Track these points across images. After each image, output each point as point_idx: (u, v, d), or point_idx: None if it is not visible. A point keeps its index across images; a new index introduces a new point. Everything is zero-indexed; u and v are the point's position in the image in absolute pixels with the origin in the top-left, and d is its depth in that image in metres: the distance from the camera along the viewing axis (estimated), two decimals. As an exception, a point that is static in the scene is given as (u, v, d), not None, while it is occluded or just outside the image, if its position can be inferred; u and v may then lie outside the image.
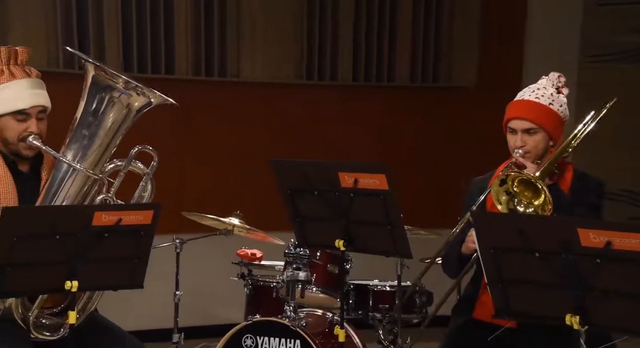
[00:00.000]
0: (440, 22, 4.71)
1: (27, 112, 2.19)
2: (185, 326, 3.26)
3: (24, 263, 1.90)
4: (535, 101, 2.28)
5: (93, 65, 2.18)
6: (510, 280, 1.79)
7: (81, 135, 2.18)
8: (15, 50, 2.21)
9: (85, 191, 2.20)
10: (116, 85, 2.17)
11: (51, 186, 2.19)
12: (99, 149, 2.19)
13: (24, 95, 2.18)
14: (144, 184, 2.24)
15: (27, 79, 2.20)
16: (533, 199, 2.14)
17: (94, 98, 2.19)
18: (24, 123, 2.18)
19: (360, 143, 4.57)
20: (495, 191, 2.16)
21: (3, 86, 2.18)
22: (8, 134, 2.19)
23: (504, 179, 2.15)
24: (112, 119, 2.19)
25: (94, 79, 2.19)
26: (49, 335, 2.15)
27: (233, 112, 4.44)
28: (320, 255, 2.96)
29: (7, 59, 2.19)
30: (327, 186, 2.22)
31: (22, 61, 2.21)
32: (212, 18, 4.31)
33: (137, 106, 2.21)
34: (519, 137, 2.27)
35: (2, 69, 2.19)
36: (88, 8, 4.03)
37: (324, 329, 2.92)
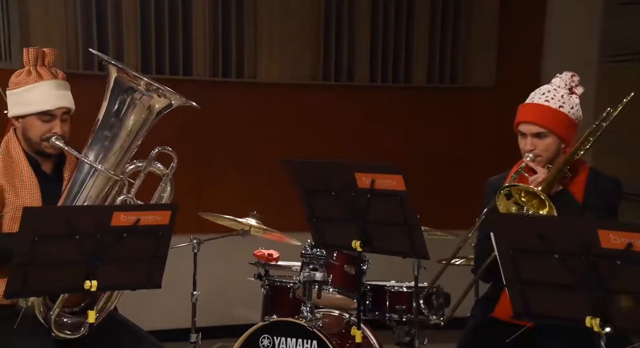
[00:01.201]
0: (457, 22, 4.69)
1: (53, 113, 2.22)
2: (203, 326, 3.28)
3: (44, 262, 1.93)
4: (544, 105, 2.26)
5: (116, 67, 2.21)
6: (528, 282, 1.78)
7: (103, 136, 2.21)
8: (43, 51, 2.24)
9: (106, 192, 2.22)
10: (138, 87, 2.20)
11: (73, 186, 2.21)
12: (120, 150, 2.22)
13: (50, 96, 2.22)
14: (164, 185, 2.26)
15: (54, 81, 2.24)
16: (539, 209, 2.13)
17: (116, 100, 2.21)
18: (49, 124, 2.22)
19: (377, 144, 4.56)
20: (504, 205, 2.14)
21: (30, 86, 2.21)
22: (32, 133, 2.23)
23: (509, 193, 2.14)
24: (134, 121, 2.21)
25: (116, 80, 2.21)
26: (69, 334, 2.17)
27: (250, 113, 4.45)
28: (336, 256, 2.96)
29: (35, 60, 2.22)
30: (344, 187, 2.22)
31: (49, 62, 2.25)
32: (230, 20, 4.33)
33: (158, 107, 2.23)
34: (529, 141, 2.26)
35: (30, 70, 2.22)
36: (107, 10, 4.07)
37: (340, 330, 2.92)
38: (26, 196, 2.20)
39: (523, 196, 2.15)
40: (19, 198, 2.19)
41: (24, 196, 2.20)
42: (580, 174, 2.28)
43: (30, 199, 2.20)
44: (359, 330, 2.37)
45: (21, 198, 2.19)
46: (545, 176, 2.19)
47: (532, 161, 2.25)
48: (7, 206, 2.18)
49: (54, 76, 2.24)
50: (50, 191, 2.23)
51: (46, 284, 1.98)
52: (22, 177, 2.21)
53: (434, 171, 4.63)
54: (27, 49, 2.25)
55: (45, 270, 1.94)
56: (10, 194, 2.18)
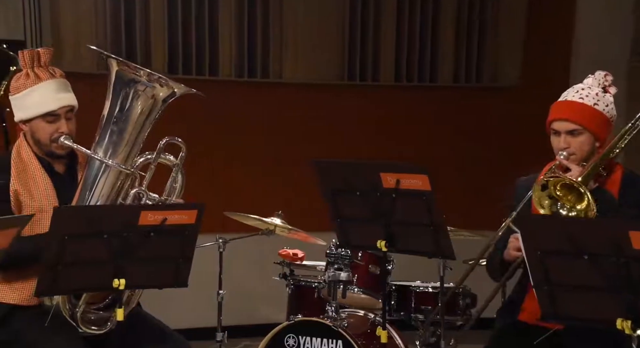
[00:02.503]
0: (484, 21, 4.64)
1: (57, 113, 2.23)
2: (228, 325, 3.29)
3: (74, 261, 1.95)
4: (579, 102, 2.23)
5: (116, 61, 2.21)
6: (557, 283, 1.76)
7: (110, 131, 2.21)
8: (38, 52, 2.24)
9: (118, 187, 2.23)
10: (140, 78, 2.20)
11: (85, 184, 2.22)
12: (129, 144, 2.22)
13: (50, 97, 2.22)
14: (175, 175, 2.26)
15: (53, 80, 2.24)
16: (576, 204, 2.09)
17: (119, 93, 2.21)
18: (55, 124, 2.23)
19: (402, 144, 4.54)
20: (538, 196, 2.11)
21: (30, 89, 2.21)
22: (40, 135, 2.24)
23: (545, 184, 2.11)
24: (139, 112, 2.21)
25: (117, 74, 2.21)
26: (96, 330, 2.20)
27: (276, 113, 4.46)
28: (361, 256, 2.95)
29: (31, 61, 2.22)
30: (369, 187, 2.22)
31: (45, 62, 2.24)
32: (255, 20, 4.35)
33: (162, 96, 2.22)
34: (563, 138, 2.23)
35: (28, 73, 2.22)
36: (136, 13, 4.12)
37: (365, 330, 2.91)
38: (42, 198, 2.21)
39: (559, 190, 2.11)
40: (35, 200, 2.21)
41: (40, 198, 2.21)
42: (615, 174, 2.25)
43: (47, 201, 2.22)
44: (384, 330, 2.36)
45: (37, 200, 2.21)
46: (580, 172, 2.16)
47: (566, 159, 2.22)
48: (24, 209, 2.20)
49: (52, 75, 2.24)
50: (66, 191, 2.24)
51: (75, 282, 2.01)
52: (35, 180, 2.22)
53: (459, 171, 4.59)
54: (21, 52, 2.24)
55: (74, 269, 1.97)
56: (26, 198, 2.20)
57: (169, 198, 2.27)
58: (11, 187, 2.19)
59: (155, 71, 2.25)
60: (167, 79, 2.21)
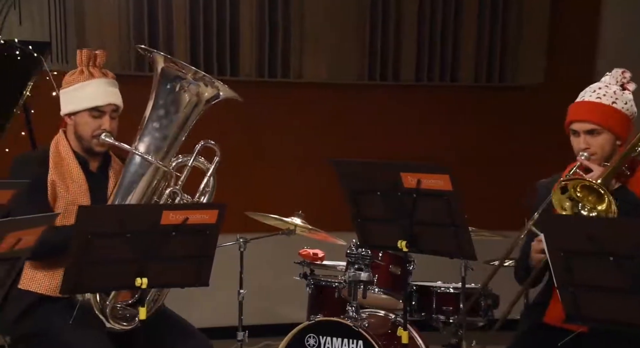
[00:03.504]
0: (507, 19, 4.60)
1: (102, 109, 2.30)
2: (249, 324, 3.31)
3: (97, 260, 1.98)
4: (596, 102, 2.20)
5: (163, 57, 2.27)
6: (582, 285, 1.73)
7: (152, 128, 2.27)
8: (95, 53, 2.35)
9: (154, 185, 2.28)
10: (185, 76, 2.25)
11: (123, 181, 2.28)
12: (170, 141, 2.27)
13: (100, 93, 2.31)
14: (207, 180, 2.30)
15: (104, 79, 2.33)
16: (597, 205, 2.06)
17: (164, 90, 2.27)
18: (99, 120, 2.30)
19: (423, 143, 4.52)
20: (558, 199, 2.09)
21: (82, 84, 2.31)
22: (83, 129, 2.31)
23: (565, 186, 2.09)
24: (182, 109, 2.27)
25: (163, 71, 2.27)
26: (125, 325, 2.23)
27: (296, 112, 4.47)
28: (382, 256, 2.94)
29: (87, 60, 2.33)
30: (390, 187, 2.21)
31: (99, 63, 2.35)
32: (276, 20, 4.36)
33: (207, 96, 2.28)
34: (582, 139, 2.20)
35: (82, 70, 2.33)
36: (158, 14, 4.16)
37: (386, 330, 2.91)
38: (76, 190, 2.28)
39: (579, 191, 2.09)
40: (70, 192, 2.27)
41: (75, 191, 2.28)
42: (638, 172, 2.21)
43: (80, 194, 2.28)
44: (405, 330, 2.35)
45: (72, 193, 2.28)
46: (601, 173, 2.13)
47: (587, 159, 2.19)
48: (58, 200, 2.27)
49: (104, 75, 2.34)
50: (97, 188, 2.31)
51: (99, 281, 2.03)
52: (71, 174, 2.29)
53: (481, 171, 4.56)
54: (80, 51, 2.35)
55: (98, 267, 1.99)
56: (62, 189, 2.27)
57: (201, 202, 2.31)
58: (49, 178, 2.26)
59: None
60: (212, 79, 2.27)
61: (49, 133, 2.99)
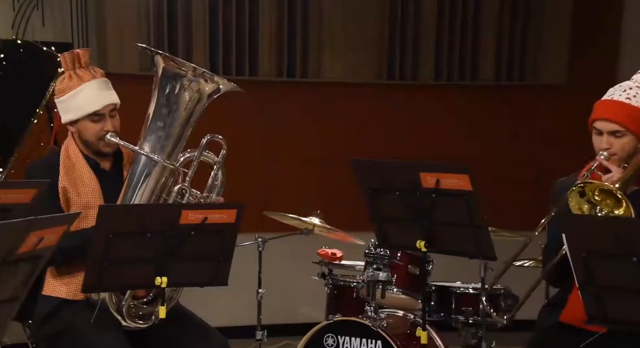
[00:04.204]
0: (528, 17, 4.56)
1: (101, 112, 2.30)
2: (268, 324, 3.31)
3: (118, 259, 1.99)
4: (625, 102, 2.16)
5: (162, 56, 2.27)
6: (604, 286, 1.71)
7: (156, 127, 2.27)
8: (77, 53, 2.31)
9: (162, 183, 2.28)
10: (185, 73, 2.25)
11: (130, 181, 2.28)
12: (174, 139, 2.27)
13: (94, 97, 2.29)
14: (215, 173, 2.29)
15: (95, 81, 2.31)
16: (614, 208, 2.03)
17: (165, 88, 2.27)
18: (100, 123, 2.30)
19: (442, 143, 4.49)
20: (576, 203, 2.06)
21: (74, 91, 2.29)
22: (87, 135, 2.32)
23: (582, 190, 2.05)
24: (185, 106, 2.26)
25: (164, 70, 2.27)
26: (141, 323, 2.24)
27: (314, 112, 4.47)
28: (400, 256, 2.93)
29: (72, 63, 2.30)
30: (409, 187, 2.20)
31: (85, 62, 2.31)
32: (295, 20, 4.36)
33: (207, 91, 2.27)
34: (605, 139, 2.16)
35: (70, 75, 2.30)
36: (178, 15, 4.19)
37: (405, 330, 2.90)
38: (88, 194, 2.29)
39: (597, 195, 2.06)
40: (82, 197, 2.28)
41: (87, 194, 2.29)
42: None
43: (92, 197, 2.29)
44: (424, 331, 2.34)
45: (84, 197, 2.28)
46: (621, 175, 2.10)
47: (607, 159, 2.16)
48: (72, 205, 2.28)
49: (93, 76, 2.31)
50: (111, 188, 2.31)
51: (119, 280, 2.05)
52: (82, 177, 2.30)
53: (501, 171, 4.52)
54: (62, 55, 2.32)
55: (118, 266, 2.01)
56: (74, 195, 2.27)
57: (210, 196, 2.31)
58: (60, 184, 2.27)
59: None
60: (212, 74, 2.26)
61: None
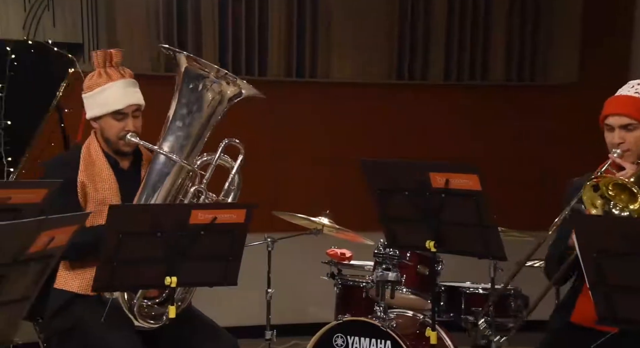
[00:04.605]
0: (538, 16, 4.54)
1: (124, 111, 2.33)
2: (277, 323, 3.32)
3: (128, 258, 2.00)
4: (634, 96, 2.18)
5: (185, 56, 2.29)
6: (615, 286, 1.70)
7: (176, 127, 2.30)
8: (110, 52, 2.36)
9: (179, 184, 2.30)
10: (208, 74, 2.27)
11: (148, 180, 2.30)
12: (194, 140, 2.29)
13: (119, 96, 2.33)
14: (232, 178, 2.31)
15: (122, 80, 2.35)
16: (629, 203, 2.02)
17: (188, 89, 2.29)
18: (122, 122, 2.33)
19: (452, 143, 4.48)
20: (589, 197, 2.05)
21: (101, 88, 2.33)
22: (109, 133, 2.34)
23: (596, 184, 2.05)
24: (206, 107, 2.28)
25: (186, 70, 2.29)
26: (153, 323, 2.25)
27: (323, 112, 4.47)
28: (410, 256, 2.92)
29: (103, 62, 2.34)
30: (418, 187, 2.19)
31: (116, 62, 2.36)
32: (304, 20, 4.37)
33: (229, 94, 2.30)
34: (617, 133, 2.17)
35: (100, 72, 2.34)
36: (187, 15, 4.20)
37: (414, 330, 2.89)
38: (105, 190, 2.32)
39: (611, 190, 2.05)
40: (99, 192, 2.31)
41: (104, 190, 2.31)
42: None
43: (110, 193, 2.32)
44: (434, 331, 2.34)
45: (101, 193, 2.31)
46: (634, 171, 2.09)
47: (620, 156, 2.15)
48: (89, 201, 2.31)
49: (122, 75, 2.35)
50: (128, 187, 2.33)
51: (129, 279, 2.06)
52: (101, 174, 2.33)
53: (512, 171, 4.51)
54: (95, 52, 2.37)
55: (129, 266, 2.02)
56: (91, 190, 2.31)
57: (226, 200, 2.32)
58: (79, 179, 2.30)
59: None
60: (234, 77, 2.29)
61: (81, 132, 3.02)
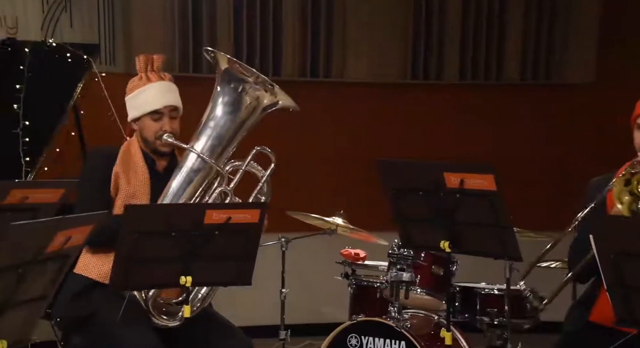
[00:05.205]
0: (555, 15, 4.50)
1: (161, 111, 2.39)
2: (291, 323, 3.32)
3: (143, 258, 2.01)
4: None
5: (227, 58, 2.34)
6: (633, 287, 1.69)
7: (209, 127, 2.34)
8: (152, 57, 2.44)
9: (206, 184, 2.33)
10: (248, 78, 2.30)
11: (177, 178, 2.33)
12: (225, 142, 2.32)
13: (157, 96, 2.40)
14: (261, 186, 2.34)
15: (160, 82, 2.42)
16: None
17: (225, 91, 2.34)
18: (159, 122, 2.39)
19: (467, 143, 4.46)
20: (618, 190, 2.03)
21: (141, 89, 2.41)
22: (147, 133, 2.41)
23: (629, 179, 2.02)
24: (241, 111, 2.32)
25: (225, 72, 2.33)
26: (169, 321, 2.26)
27: (338, 112, 4.47)
28: (424, 256, 2.91)
29: (145, 65, 2.42)
30: (432, 187, 2.19)
31: (157, 67, 2.43)
32: (319, 20, 4.37)
33: (266, 103, 2.34)
34: None
35: (141, 76, 2.42)
36: (203, 15, 4.23)
37: (429, 331, 2.88)
38: (137, 185, 2.36)
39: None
40: (131, 185, 2.36)
41: (135, 185, 2.36)
42: None
43: (141, 188, 2.36)
44: (448, 332, 2.33)
45: (132, 186, 2.36)
46: None
47: None
48: (120, 192, 2.36)
49: (161, 78, 2.42)
50: (159, 187, 2.37)
51: (145, 279, 2.07)
52: (136, 169, 2.39)
53: (527, 171, 4.48)
54: (138, 57, 2.44)
55: (144, 265, 2.03)
56: (124, 181, 2.36)
57: None
58: (114, 170, 2.36)
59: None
60: (272, 84, 2.33)
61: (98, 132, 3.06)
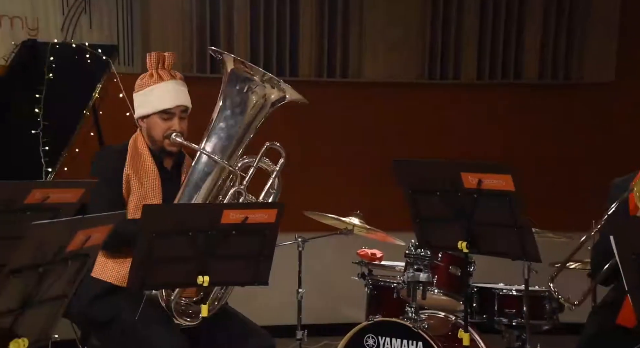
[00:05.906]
0: (574, 13, 4.46)
1: (171, 111, 2.37)
2: (308, 323, 3.32)
3: (161, 257, 2.02)
4: None
5: (232, 59, 2.33)
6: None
7: (219, 128, 2.33)
8: (163, 55, 2.42)
9: (220, 185, 2.33)
10: (253, 77, 2.29)
11: (190, 181, 2.33)
12: (236, 142, 2.32)
13: (168, 95, 2.38)
14: (272, 180, 2.33)
15: (172, 81, 2.40)
16: None
17: (233, 90, 2.32)
18: (169, 122, 2.37)
19: (485, 143, 4.43)
20: (639, 190, 2.00)
21: (152, 87, 2.38)
22: (155, 131, 2.39)
23: None
24: (249, 110, 2.31)
25: (232, 72, 2.32)
26: (189, 321, 2.27)
27: (355, 112, 4.46)
28: (441, 257, 2.90)
29: (156, 63, 2.40)
30: (450, 187, 2.17)
31: (168, 65, 2.41)
32: (336, 20, 4.37)
33: (273, 98, 2.32)
34: None
35: (152, 73, 2.40)
36: (220, 16, 4.24)
37: (447, 332, 2.87)
38: (149, 185, 2.36)
39: None
40: (143, 186, 2.35)
41: (147, 186, 2.36)
42: None
43: (152, 189, 2.36)
44: (466, 332, 2.31)
45: (144, 187, 2.35)
46: None
47: None
48: (132, 193, 2.35)
49: (172, 77, 2.40)
50: (169, 185, 2.38)
51: (162, 278, 2.07)
52: (146, 169, 2.37)
53: (546, 171, 4.44)
54: (149, 54, 2.42)
55: (162, 265, 2.04)
56: (136, 182, 2.35)
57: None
58: (124, 171, 2.35)
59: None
60: (279, 80, 2.31)
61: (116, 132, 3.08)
